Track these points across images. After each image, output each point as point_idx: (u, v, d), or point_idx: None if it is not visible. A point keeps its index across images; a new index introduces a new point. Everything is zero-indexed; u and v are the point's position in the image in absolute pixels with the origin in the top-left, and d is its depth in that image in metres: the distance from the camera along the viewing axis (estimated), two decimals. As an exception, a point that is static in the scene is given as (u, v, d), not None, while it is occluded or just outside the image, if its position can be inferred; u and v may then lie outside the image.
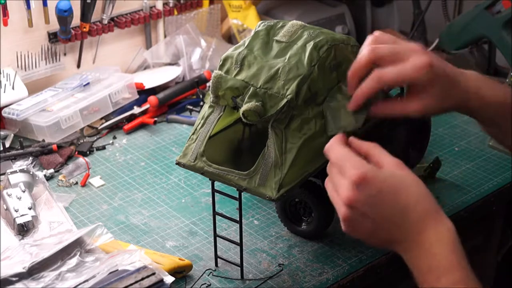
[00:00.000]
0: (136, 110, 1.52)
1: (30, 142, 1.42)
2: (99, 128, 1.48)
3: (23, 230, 1.15)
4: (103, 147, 1.43)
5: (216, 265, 1.10)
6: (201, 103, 1.53)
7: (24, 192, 1.20)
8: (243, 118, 0.98)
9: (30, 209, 1.17)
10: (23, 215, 1.16)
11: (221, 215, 1.07)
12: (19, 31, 1.50)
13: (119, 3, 1.59)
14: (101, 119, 1.50)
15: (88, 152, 1.40)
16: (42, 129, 1.40)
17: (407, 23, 1.83)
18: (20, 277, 1.00)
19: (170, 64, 1.67)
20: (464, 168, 1.34)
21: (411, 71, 0.95)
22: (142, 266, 1.01)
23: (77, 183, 1.32)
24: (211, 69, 1.64)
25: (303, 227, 1.15)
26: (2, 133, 1.42)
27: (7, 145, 1.40)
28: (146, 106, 1.53)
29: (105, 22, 1.58)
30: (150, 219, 1.21)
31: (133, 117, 1.52)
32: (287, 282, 1.07)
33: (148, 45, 1.69)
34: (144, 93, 1.56)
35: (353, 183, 0.85)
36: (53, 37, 1.53)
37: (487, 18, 1.50)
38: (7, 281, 0.99)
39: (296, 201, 1.13)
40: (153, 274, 0.99)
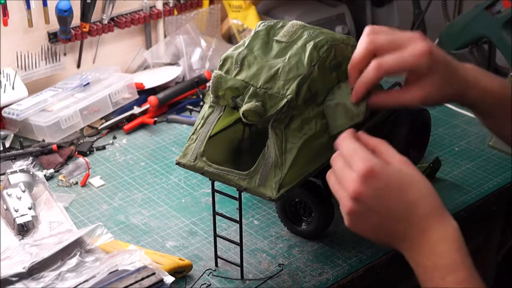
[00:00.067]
0: (136, 110, 1.52)
1: (30, 142, 1.41)
2: (99, 128, 1.48)
3: (23, 230, 1.15)
4: (103, 147, 1.43)
5: (216, 265, 1.10)
6: (201, 103, 1.53)
7: (24, 192, 1.20)
8: (243, 118, 0.98)
9: (30, 209, 1.17)
10: (23, 215, 1.16)
11: (221, 215, 1.07)
12: (19, 31, 1.50)
13: (119, 3, 1.59)
14: (101, 119, 1.50)
15: (88, 152, 1.40)
16: (42, 129, 1.40)
17: (407, 23, 1.83)
18: (20, 277, 1.00)
19: (170, 64, 1.67)
20: (464, 168, 1.34)
21: (410, 57, 0.95)
22: (142, 266, 1.01)
23: (77, 183, 1.32)
24: (211, 69, 1.64)
25: (303, 227, 1.15)
26: (2, 133, 1.42)
27: (7, 145, 1.40)
28: (146, 106, 1.53)
29: (105, 22, 1.58)
30: (150, 219, 1.21)
31: (133, 117, 1.52)
32: (287, 282, 1.07)
33: (148, 45, 1.69)
34: (144, 93, 1.56)
35: (360, 176, 0.84)
36: (53, 37, 1.53)
37: (487, 18, 1.50)
38: (7, 281, 0.99)
39: (296, 201, 1.13)
40: (153, 274, 0.99)
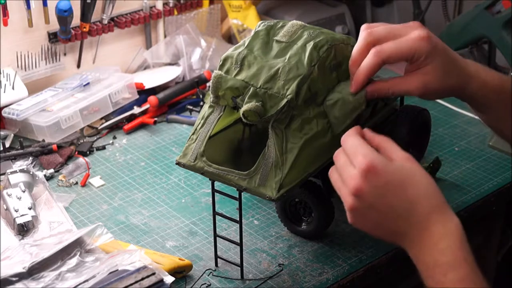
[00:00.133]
0: (136, 110, 1.52)
1: (30, 142, 1.41)
2: (99, 128, 1.48)
3: (23, 230, 1.15)
4: (103, 147, 1.43)
5: (216, 265, 1.10)
6: (201, 103, 1.53)
7: (24, 192, 1.20)
8: (243, 118, 0.98)
9: (30, 209, 1.17)
10: (23, 215, 1.16)
11: (221, 215, 1.07)
12: (19, 31, 1.50)
13: (119, 3, 1.59)
14: (101, 119, 1.50)
15: (88, 152, 1.40)
16: (42, 129, 1.40)
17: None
18: (20, 277, 1.00)
19: (170, 64, 1.67)
20: (464, 168, 1.34)
21: (410, 42, 0.96)
22: (142, 266, 1.01)
23: (77, 183, 1.32)
24: (211, 69, 1.64)
25: (303, 227, 1.15)
26: (2, 133, 1.42)
27: (7, 145, 1.40)
28: (146, 106, 1.53)
29: (105, 22, 1.58)
30: (150, 219, 1.21)
31: (133, 117, 1.52)
32: (287, 282, 1.07)
33: (148, 45, 1.69)
34: (144, 93, 1.56)
35: (361, 172, 0.85)
36: (53, 37, 1.53)
37: (487, 18, 1.50)
38: (7, 281, 0.99)
39: (296, 201, 1.13)
40: (153, 274, 0.99)
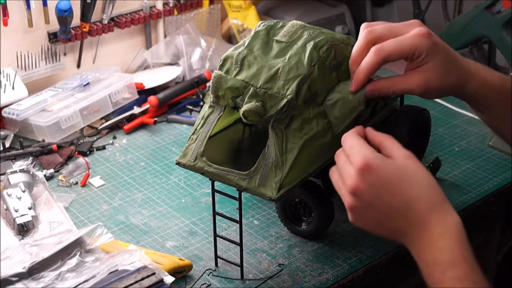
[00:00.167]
0: (136, 110, 1.52)
1: (30, 142, 1.41)
2: (99, 128, 1.48)
3: (23, 230, 1.15)
4: (103, 147, 1.43)
5: (216, 265, 1.10)
6: (201, 103, 1.53)
7: (24, 192, 1.20)
8: (243, 118, 0.98)
9: (30, 209, 1.17)
10: (23, 215, 1.16)
11: (221, 215, 1.07)
12: (19, 31, 1.50)
13: (119, 3, 1.59)
14: (101, 119, 1.50)
15: (88, 152, 1.40)
16: (42, 129, 1.40)
17: (407, 23, 1.83)
18: (20, 277, 1.00)
19: (170, 64, 1.67)
20: (464, 168, 1.34)
21: (410, 39, 0.96)
22: (142, 266, 1.01)
23: (77, 183, 1.32)
24: (211, 69, 1.64)
25: (303, 227, 1.14)
26: (2, 133, 1.42)
27: (7, 145, 1.40)
28: (146, 106, 1.53)
29: (105, 22, 1.58)
30: (150, 219, 1.21)
31: (133, 117, 1.52)
32: (287, 282, 1.07)
33: (148, 45, 1.69)
34: (144, 93, 1.56)
35: (358, 171, 0.85)
36: (53, 37, 1.53)
37: (487, 18, 1.50)
38: (7, 281, 0.99)
39: (296, 201, 1.13)
40: (153, 274, 0.99)
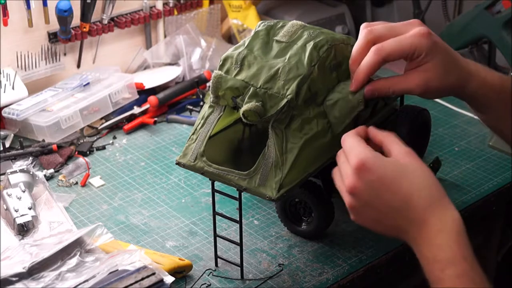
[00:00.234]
0: (136, 110, 1.52)
1: (30, 142, 1.41)
2: (99, 128, 1.48)
3: (23, 230, 1.15)
4: (103, 147, 1.43)
5: (216, 265, 1.10)
6: (201, 103, 1.53)
7: (24, 192, 1.20)
8: (243, 119, 0.98)
9: (30, 209, 1.17)
10: (23, 215, 1.16)
11: (221, 215, 1.07)
12: (19, 31, 1.50)
13: (119, 3, 1.59)
14: (101, 119, 1.50)
15: (88, 152, 1.40)
16: (42, 129, 1.40)
17: (407, 23, 1.83)
18: (20, 277, 1.00)
19: (170, 64, 1.67)
20: (464, 168, 1.34)
21: (410, 39, 0.96)
22: (142, 266, 1.01)
23: (77, 183, 1.32)
24: (211, 69, 1.64)
25: (303, 227, 1.14)
26: (2, 133, 1.42)
27: (7, 145, 1.40)
28: (146, 106, 1.53)
29: (105, 22, 1.58)
30: (150, 219, 1.21)
31: (133, 117, 1.52)
32: (287, 282, 1.07)
33: (148, 45, 1.69)
34: (144, 93, 1.56)
35: (354, 170, 0.86)
36: (53, 37, 1.53)
37: (487, 18, 1.50)
38: (7, 281, 0.99)
39: (296, 201, 1.13)
40: (153, 274, 0.99)
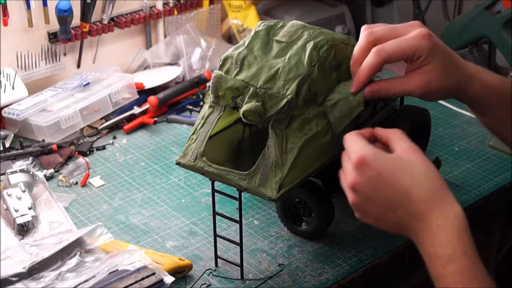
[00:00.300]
0: (136, 110, 1.52)
1: (30, 142, 1.41)
2: (99, 128, 1.48)
3: (23, 230, 1.15)
4: (103, 147, 1.43)
5: (216, 265, 1.10)
6: (201, 103, 1.53)
7: (24, 192, 1.20)
8: (243, 119, 0.98)
9: (30, 209, 1.17)
10: (23, 215, 1.16)
11: (221, 215, 1.07)
12: (19, 31, 1.50)
13: (119, 3, 1.59)
14: (101, 119, 1.50)
15: (88, 152, 1.40)
16: (42, 129, 1.40)
17: (407, 23, 1.83)
18: (20, 277, 1.00)
19: (170, 64, 1.67)
20: (464, 168, 1.34)
21: (411, 40, 0.96)
22: (142, 266, 1.01)
23: (77, 183, 1.32)
24: (211, 69, 1.64)
25: (303, 227, 1.14)
26: (2, 133, 1.42)
27: (7, 145, 1.40)
28: (146, 106, 1.53)
29: (105, 22, 1.58)
30: (150, 219, 1.21)
31: (133, 117, 1.52)
32: (287, 282, 1.07)
33: (148, 45, 1.69)
34: (144, 93, 1.56)
35: (354, 166, 0.86)
36: (53, 37, 1.53)
37: (487, 18, 1.50)
38: (7, 281, 0.99)
39: (296, 201, 1.13)
40: (153, 274, 0.99)
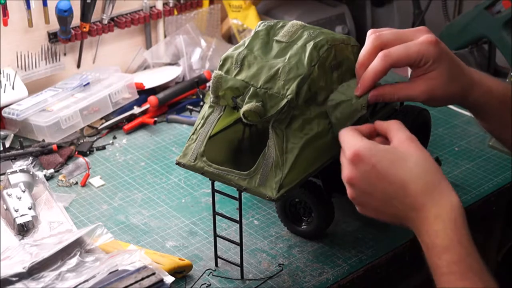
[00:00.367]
0: (136, 110, 1.52)
1: (30, 142, 1.41)
2: (99, 128, 1.48)
3: (23, 230, 1.15)
4: (103, 147, 1.43)
5: (216, 265, 1.10)
6: (201, 103, 1.53)
7: (24, 192, 1.20)
8: (243, 119, 0.98)
9: (30, 209, 1.17)
10: (23, 215, 1.16)
11: (221, 215, 1.07)
12: (19, 31, 1.50)
13: (119, 3, 1.59)
14: (101, 119, 1.50)
15: (88, 152, 1.40)
16: (42, 129, 1.40)
17: (407, 23, 1.83)
18: (20, 277, 1.00)
19: (170, 64, 1.67)
20: (464, 168, 1.34)
21: (418, 46, 0.96)
22: (142, 266, 1.01)
23: (77, 183, 1.32)
24: (211, 69, 1.64)
25: (303, 227, 1.14)
26: (2, 133, 1.42)
27: (7, 145, 1.40)
28: (146, 106, 1.53)
29: (105, 22, 1.58)
30: (150, 219, 1.21)
31: (133, 117, 1.52)
32: (287, 282, 1.07)
33: (148, 45, 1.69)
34: (144, 93, 1.56)
35: (348, 161, 0.87)
36: (53, 37, 1.53)
37: (487, 18, 1.50)
38: (7, 281, 0.99)
39: (296, 201, 1.13)
40: (153, 274, 0.99)
